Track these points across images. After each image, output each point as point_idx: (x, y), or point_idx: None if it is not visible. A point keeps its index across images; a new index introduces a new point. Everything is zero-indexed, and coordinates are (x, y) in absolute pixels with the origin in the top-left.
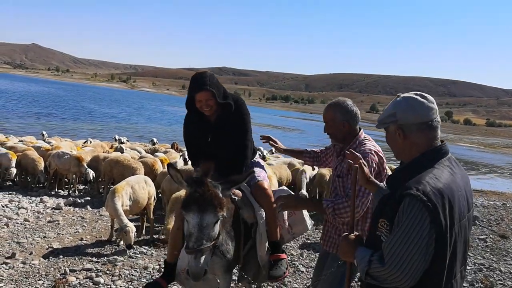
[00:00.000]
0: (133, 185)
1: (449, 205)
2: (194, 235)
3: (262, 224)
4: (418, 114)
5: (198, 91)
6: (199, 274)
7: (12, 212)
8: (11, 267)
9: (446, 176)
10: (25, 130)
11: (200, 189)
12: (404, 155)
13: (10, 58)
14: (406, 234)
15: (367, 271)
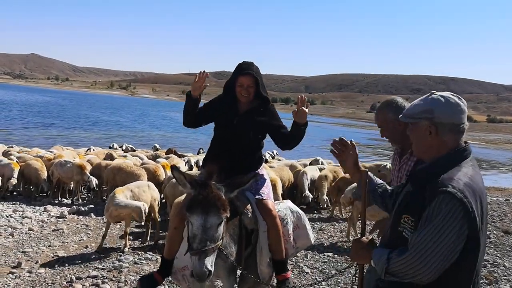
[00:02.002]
0: (133, 189)
1: (480, 203)
2: (198, 236)
3: (263, 236)
4: (455, 115)
5: (243, 74)
6: (204, 275)
7: (16, 221)
8: (17, 276)
9: (476, 175)
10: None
11: (204, 191)
12: (429, 153)
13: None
14: (437, 228)
15: (387, 269)
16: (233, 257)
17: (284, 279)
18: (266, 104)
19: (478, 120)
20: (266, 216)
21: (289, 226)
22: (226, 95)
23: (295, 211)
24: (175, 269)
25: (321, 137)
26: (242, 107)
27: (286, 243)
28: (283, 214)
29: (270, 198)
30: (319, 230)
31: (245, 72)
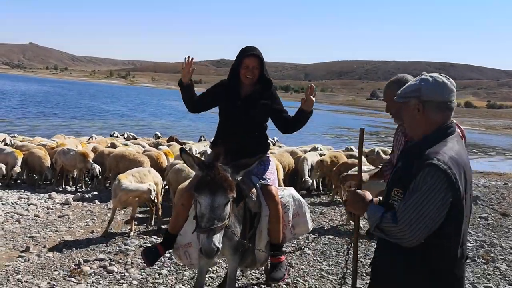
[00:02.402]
0: (134, 174)
1: (463, 174)
2: (206, 215)
3: (264, 220)
4: (441, 93)
5: (248, 56)
6: (212, 252)
7: (22, 208)
8: (26, 260)
9: (460, 149)
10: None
11: (211, 172)
12: (418, 131)
13: (8, 58)
14: (422, 197)
15: (378, 225)
16: (238, 236)
17: (278, 262)
18: (269, 87)
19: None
20: (269, 201)
21: (290, 213)
22: (230, 80)
23: (297, 199)
24: (178, 245)
25: (321, 125)
26: (245, 91)
27: (284, 229)
28: (285, 201)
29: (274, 184)
30: (320, 214)
31: (250, 54)
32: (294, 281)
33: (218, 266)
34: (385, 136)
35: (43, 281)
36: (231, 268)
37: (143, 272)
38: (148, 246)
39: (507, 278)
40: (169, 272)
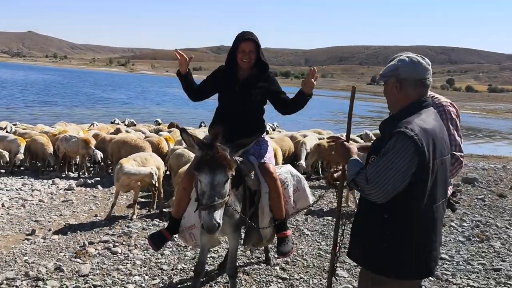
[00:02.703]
0: (135, 158)
1: (432, 142)
2: (207, 193)
3: (264, 197)
4: (416, 71)
5: (245, 40)
6: (213, 227)
7: (26, 194)
8: (32, 242)
9: (431, 120)
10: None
11: (211, 151)
12: (397, 106)
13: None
14: (389, 160)
15: (354, 179)
16: (238, 215)
17: (284, 236)
18: (266, 70)
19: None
20: (268, 178)
21: (290, 189)
22: (227, 65)
23: (295, 174)
24: (183, 227)
25: (321, 110)
26: (243, 75)
27: (286, 204)
28: (284, 178)
29: (271, 162)
30: (319, 197)
31: (246, 38)
32: (293, 260)
33: (219, 247)
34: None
35: (49, 262)
36: (232, 245)
37: (146, 253)
38: (154, 232)
39: (500, 255)
40: (172, 253)
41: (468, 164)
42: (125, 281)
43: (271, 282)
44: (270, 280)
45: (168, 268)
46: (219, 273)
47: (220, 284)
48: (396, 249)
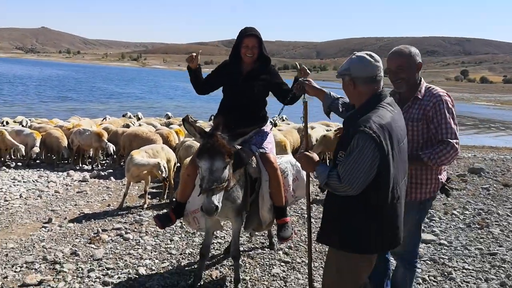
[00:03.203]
0: (147, 150)
1: (388, 135)
2: (206, 178)
3: (265, 185)
4: (366, 69)
5: (248, 36)
6: (211, 209)
7: (42, 185)
8: (49, 230)
9: (387, 114)
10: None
11: (211, 140)
12: (354, 100)
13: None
14: (356, 159)
15: (327, 182)
16: (240, 200)
17: (284, 223)
18: (268, 64)
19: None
20: (268, 167)
21: (289, 178)
22: (231, 59)
23: (295, 164)
24: (187, 211)
25: None
26: (246, 68)
27: (286, 192)
28: (284, 167)
29: (272, 152)
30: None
31: (250, 34)
32: (296, 245)
33: (225, 233)
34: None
35: (65, 247)
36: (235, 228)
37: (156, 239)
38: (160, 213)
39: (498, 241)
40: (180, 239)
41: (477, 155)
42: (136, 264)
43: (274, 265)
44: (273, 264)
45: (176, 252)
46: (224, 257)
47: (225, 267)
48: (369, 229)
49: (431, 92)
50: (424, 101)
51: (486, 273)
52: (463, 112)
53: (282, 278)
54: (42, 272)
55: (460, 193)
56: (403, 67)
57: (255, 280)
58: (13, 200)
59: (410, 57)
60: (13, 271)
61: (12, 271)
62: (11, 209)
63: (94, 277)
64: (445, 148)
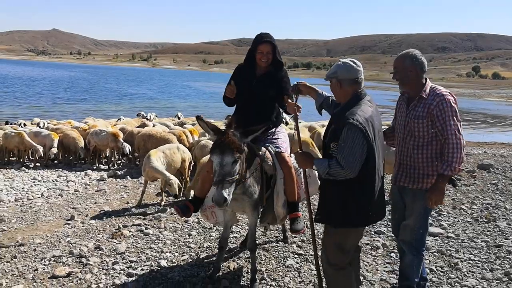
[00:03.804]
0: (164, 150)
1: (372, 126)
2: (217, 171)
3: (279, 182)
4: (350, 73)
5: (262, 43)
6: (220, 200)
7: (62, 185)
8: (73, 226)
9: (368, 109)
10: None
11: (223, 137)
12: (340, 99)
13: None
14: (351, 147)
15: (328, 172)
16: (256, 195)
17: (296, 217)
18: (281, 68)
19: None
20: (283, 166)
21: (302, 175)
22: (246, 63)
23: None
24: (205, 206)
25: None
26: (260, 72)
27: (299, 189)
28: (297, 166)
29: (287, 151)
30: None
31: (264, 41)
32: (308, 239)
33: (240, 228)
34: None
35: (89, 242)
36: (251, 222)
37: (175, 234)
38: (180, 203)
39: (504, 234)
40: (198, 234)
41: (487, 151)
42: (157, 257)
43: (288, 257)
44: (287, 256)
45: (195, 246)
46: (241, 250)
47: (242, 259)
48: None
49: (435, 92)
50: (428, 100)
51: (492, 264)
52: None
53: (296, 269)
54: (69, 265)
55: (468, 189)
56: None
57: (270, 271)
58: (35, 199)
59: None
60: (42, 264)
61: (41, 264)
62: (34, 207)
63: (119, 269)
64: (452, 150)
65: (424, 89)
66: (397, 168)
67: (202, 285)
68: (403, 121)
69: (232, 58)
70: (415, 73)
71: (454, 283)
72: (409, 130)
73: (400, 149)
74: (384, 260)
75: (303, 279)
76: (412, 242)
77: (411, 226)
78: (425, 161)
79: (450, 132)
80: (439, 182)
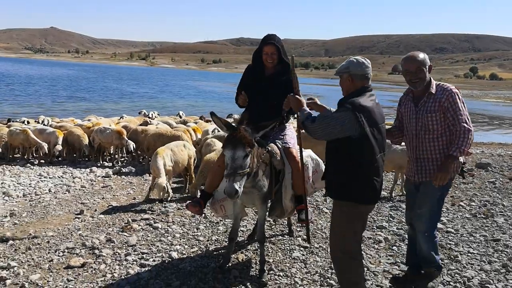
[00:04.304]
0: (172, 148)
1: (368, 114)
2: (229, 165)
3: (288, 176)
4: (362, 69)
5: (267, 44)
6: (232, 192)
7: (68, 181)
8: (83, 220)
9: (368, 100)
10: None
11: (235, 132)
12: (349, 91)
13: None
14: (332, 117)
15: (303, 121)
16: (265, 188)
17: (302, 209)
18: (288, 68)
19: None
20: (291, 161)
21: (309, 170)
22: (254, 64)
23: (315, 158)
24: (215, 200)
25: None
26: (268, 72)
27: (306, 184)
28: (305, 161)
29: (295, 147)
30: None
31: (268, 42)
32: (313, 233)
33: (247, 222)
34: None
35: (100, 235)
36: (261, 215)
37: (183, 228)
38: (191, 200)
39: (502, 229)
40: (206, 227)
41: (485, 151)
42: (168, 250)
43: (294, 250)
44: (293, 249)
45: (204, 239)
46: (248, 243)
47: (250, 251)
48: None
49: (442, 87)
50: (437, 95)
51: (490, 257)
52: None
53: (302, 261)
54: (83, 256)
55: (467, 187)
56: (421, 69)
57: (277, 263)
58: (43, 194)
59: (424, 60)
60: (56, 255)
61: (56, 255)
62: (43, 202)
63: (131, 260)
64: (462, 136)
65: (431, 85)
66: (414, 164)
67: (213, 275)
68: (414, 118)
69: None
70: (425, 73)
71: (454, 274)
72: (422, 125)
73: (414, 145)
74: (386, 253)
75: (309, 270)
76: (428, 230)
77: (426, 214)
78: (441, 152)
79: (461, 121)
80: (447, 162)
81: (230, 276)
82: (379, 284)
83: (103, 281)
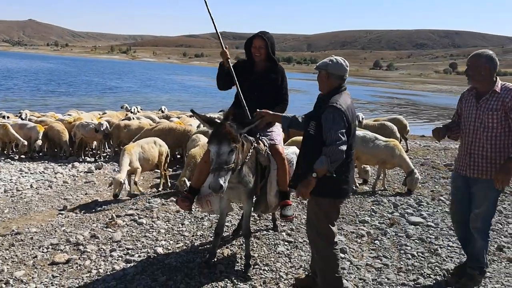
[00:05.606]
0: (143, 145)
1: (350, 112)
2: (214, 160)
3: (273, 173)
4: (339, 70)
5: (256, 37)
6: (217, 187)
7: (50, 176)
8: (66, 216)
9: (347, 99)
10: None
11: (220, 128)
12: (324, 89)
13: (7, 35)
14: (334, 124)
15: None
16: (251, 184)
17: (287, 204)
18: (276, 65)
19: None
20: (277, 157)
21: (294, 167)
22: (246, 58)
23: None
24: (201, 195)
25: None
26: (258, 67)
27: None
28: (290, 157)
29: (281, 144)
30: None
31: (256, 35)
32: (297, 227)
33: (232, 217)
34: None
35: (84, 231)
36: (246, 210)
37: (168, 223)
38: (180, 196)
39: None
40: (190, 223)
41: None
42: (153, 245)
43: (278, 244)
44: (277, 243)
45: (189, 234)
46: (233, 238)
47: (235, 246)
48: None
49: (507, 88)
50: (502, 94)
51: None
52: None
53: (286, 255)
54: (68, 252)
55: (447, 181)
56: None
57: (262, 257)
58: (25, 190)
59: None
60: (40, 251)
61: (40, 251)
62: (25, 198)
63: (116, 256)
64: None
65: (496, 84)
66: (467, 159)
67: (198, 269)
68: (474, 114)
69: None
70: (489, 71)
71: (434, 267)
72: (481, 122)
73: (470, 140)
74: (369, 247)
75: (293, 264)
76: (485, 229)
77: (483, 214)
78: (498, 151)
79: None
80: (508, 163)
81: (215, 271)
82: (362, 277)
83: (89, 277)
